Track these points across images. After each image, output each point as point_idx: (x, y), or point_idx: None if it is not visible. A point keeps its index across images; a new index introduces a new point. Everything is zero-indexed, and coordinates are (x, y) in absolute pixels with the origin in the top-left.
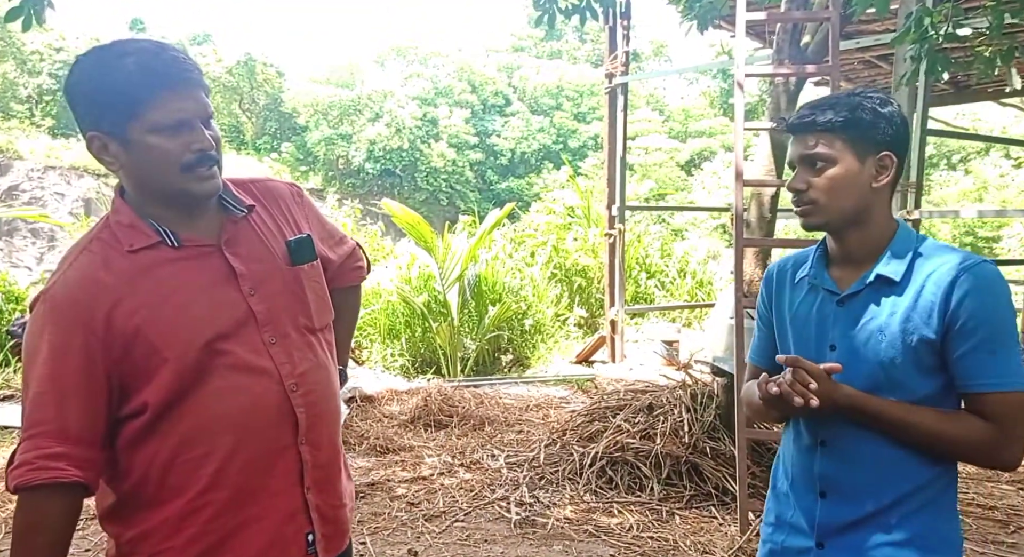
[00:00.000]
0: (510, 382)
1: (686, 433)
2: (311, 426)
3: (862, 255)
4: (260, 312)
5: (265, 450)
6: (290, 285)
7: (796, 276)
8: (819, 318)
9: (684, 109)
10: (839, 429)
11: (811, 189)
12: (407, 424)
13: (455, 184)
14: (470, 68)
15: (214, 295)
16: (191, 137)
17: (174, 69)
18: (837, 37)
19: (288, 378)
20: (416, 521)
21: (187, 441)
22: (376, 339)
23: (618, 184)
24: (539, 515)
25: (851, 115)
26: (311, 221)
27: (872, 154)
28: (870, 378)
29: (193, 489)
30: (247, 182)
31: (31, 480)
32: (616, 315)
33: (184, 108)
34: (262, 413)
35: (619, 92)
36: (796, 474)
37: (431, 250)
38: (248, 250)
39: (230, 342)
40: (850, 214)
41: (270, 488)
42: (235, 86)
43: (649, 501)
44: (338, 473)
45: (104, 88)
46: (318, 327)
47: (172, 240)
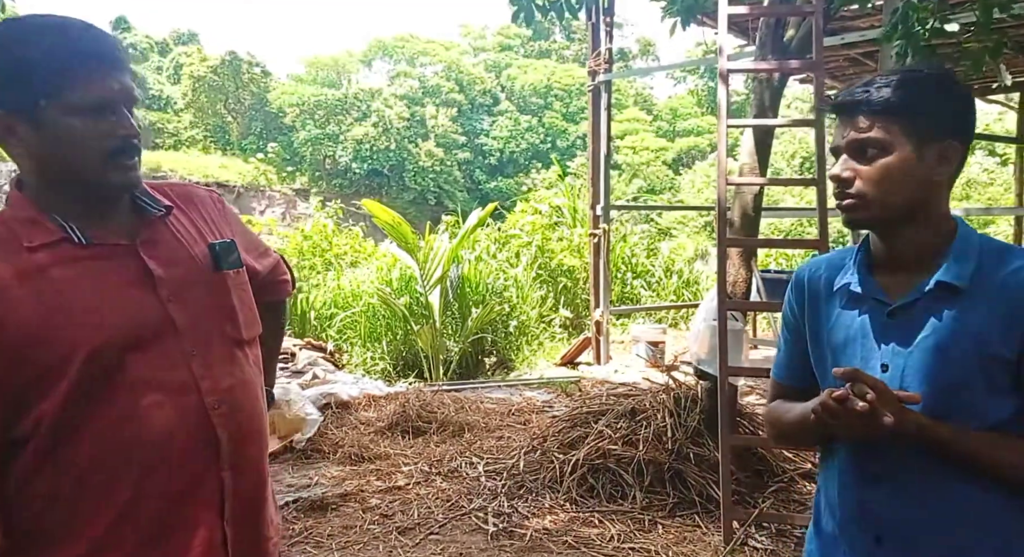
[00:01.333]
0: (492, 386)
1: (669, 439)
2: (235, 449)
3: (915, 259)
4: (180, 320)
5: (182, 477)
6: (215, 292)
7: (834, 283)
8: (864, 333)
9: (672, 108)
10: (897, 461)
11: (859, 179)
12: (384, 431)
13: (443, 184)
14: (458, 67)
15: (125, 300)
16: (115, 122)
17: (102, 46)
18: (821, 32)
19: (209, 394)
20: (389, 534)
21: (90, 470)
22: (356, 342)
23: (602, 183)
24: (517, 526)
25: (914, 95)
26: (235, 229)
27: (934, 142)
28: (932, 403)
29: (99, 526)
30: (164, 186)
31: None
32: (601, 316)
33: (108, 89)
34: (178, 435)
35: (603, 90)
36: (845, 514)
37: (412, 251)
38: (167, 253)
39: (142, 353)
40: (902, 211)
41: (187, 519)
42: (220, 86)
43: (631, 510)
44: (263, 503)
45: (17, 62)
46: (246, 339)
47: (79, 237)
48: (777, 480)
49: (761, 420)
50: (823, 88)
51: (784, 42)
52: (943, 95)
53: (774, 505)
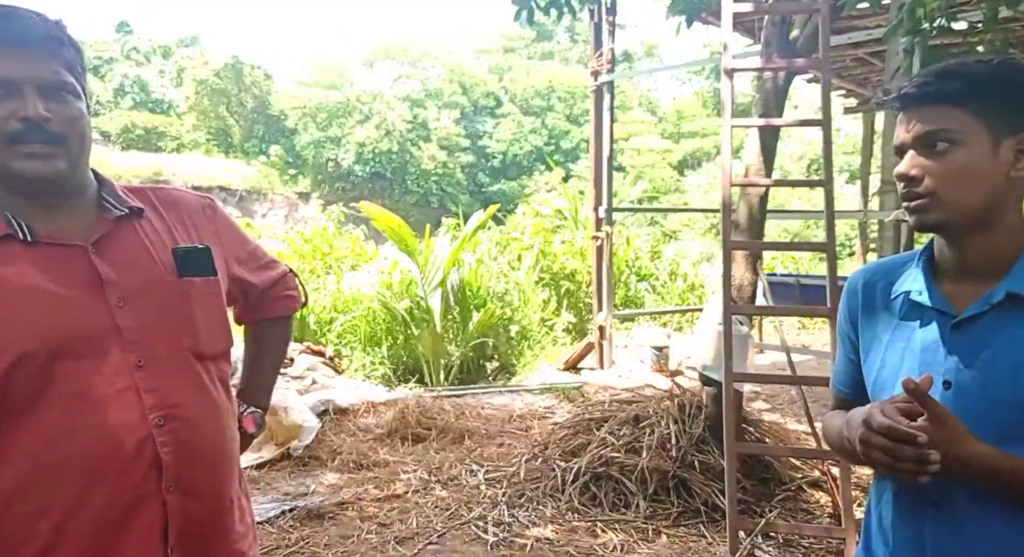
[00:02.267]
0: (494, 391)
1: (673, 446)
2: (182, 470)
3: (986, 267)
4: (127, 327)
5: (120, 500)
6: (175, 300)
7: (892, 291)
8: (925, 347)
9: (677, 110)
10: (960, 489)
11: (929, 177)
12: (383, 438)
13: (446, 186)
14: (460, 69)
15: (67, 302)
16: (16, 104)
17: (10, 26)
18: (827, 30)
19: (153, 410)
20: (387, 544)
21: (16, 491)
22: (356, 347)
23: (605, 185)
24: (517, 536)
25: (987, 84)
26: (225, 239)
27: (1010, 135)
28: (1001, 424)
29: (27, 552)
30: (146, 189)
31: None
32: (604, 320)
33: (10, 69)
34: (116, 453)
35: (605, 90)
36: (899, 541)
37: (412, 254)
38: (123, 255)
39: (80, 362)
40: (976, 212)
41: (123, 549)
42: (223, 89)
43: (634, 519)
44: (223, 532)
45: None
46: (209, 353)
47: (25, 234)
48: (784, 489)
49: (767, 427)
50: (830, 87)
51: (790, 41)
52: (1016, 83)
53: (781, 514)
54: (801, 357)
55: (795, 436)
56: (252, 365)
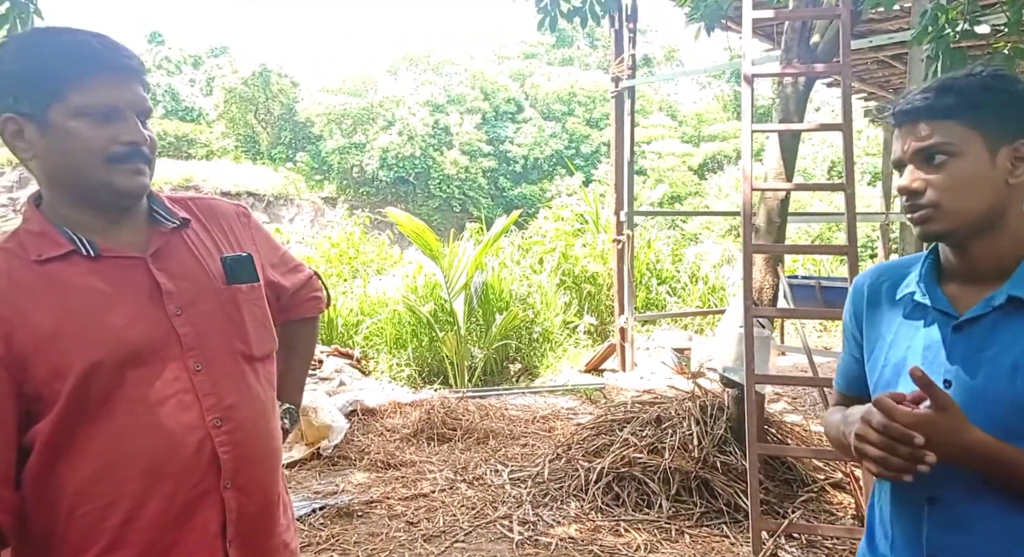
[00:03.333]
0: (517, 392)
1: (695, 447)
2: (238, 469)
3: (988, 270)
4: (186, 334)
5: (181, 498)
6: (225, 306)
7: (897, 292)
8: (927, 347)
9: (697, 113)
10: (955, 483)
11: (930, 189)
12: (409, 438)
13: (468, 191)
14: (482, 76)
15: (132, 313)
16: (121, 128)
17: (111, 54)
18: (848, 35)
19: (212, 412)
20: (415, 541)
21: (87, 488)
22: (383, 349)
23: (626, 189)
24: (542, 534)
25: (979, 96)
26: (259, 245)
27: (1006, 143)
28: (1000, 423)
29: (94, 548)
30: (187, 199)
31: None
32: (626, 322)
33: (116, 96)
34: (178, 453)
35: (626, 95)
36: (898, 535)
37: (436, 258)
38: (178, 266)
39: (145, 368)
40: (980, 219)
41: (186, 543)
42: (251, 97)
43: (657, 519)
44: (272, 525)
45: (29, 66)
46: (257, 355)
47: (88, 249)
48: (807, 490)
49: (789, 428)
50: (850, 92)
51: (810, 46)
52: (1007, 93)
53: (804, 515)
54: (822, 359)
55: (817, 437)
56: (284, 364)
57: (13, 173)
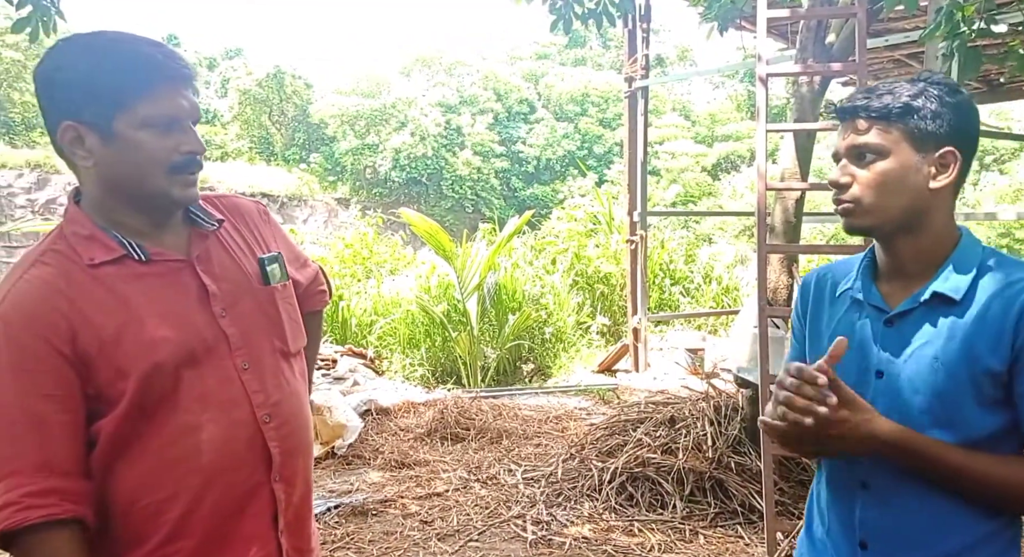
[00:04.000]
0: (530, 392)
1: (709, 447)
2: (285, 462)
3: (916, 268)
4: (232, 335)
5: (236, 490)
6: (263, 306)
7: (838, 288)
8: (862, 339)
9: (710, 113)
10: (884, 469)
11: (856, 184)
12: (423, 437)
13: (480, 192)
14: (495, 76)
15: (184, 315)
16: (183, 138)
17: (174, 62)
18: (864, 34)
19: (261, 408)
20: (429, 541)
21: (148, 482)
22: (396, 349)
23: (639, 189)
24: (556, 534)
25: (912, 101)
26: (278, 242)
27: (932, 149)
28: (925, 411)
29: (154, 539)
30: (212, 198)
31: (22, 521)
32: (639, 323)
33: (177, 106)
34: (232, 448)
35: (639, 96)
36: (833, 519)
37: (450, 258)
38: (219, 267)
39: (199, 368)
40: (900, 218)
41: (242, 533)
42: (265, 98)
43: (671, 519)
44: (309, 513)
45: (93, 75)
46: (293, 351)
47: (139, 254)
48: None
49: None
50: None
51: (826, 45)
52: (943, 102)
53: None
54: None
55: None
56: None
57: (32, 174)
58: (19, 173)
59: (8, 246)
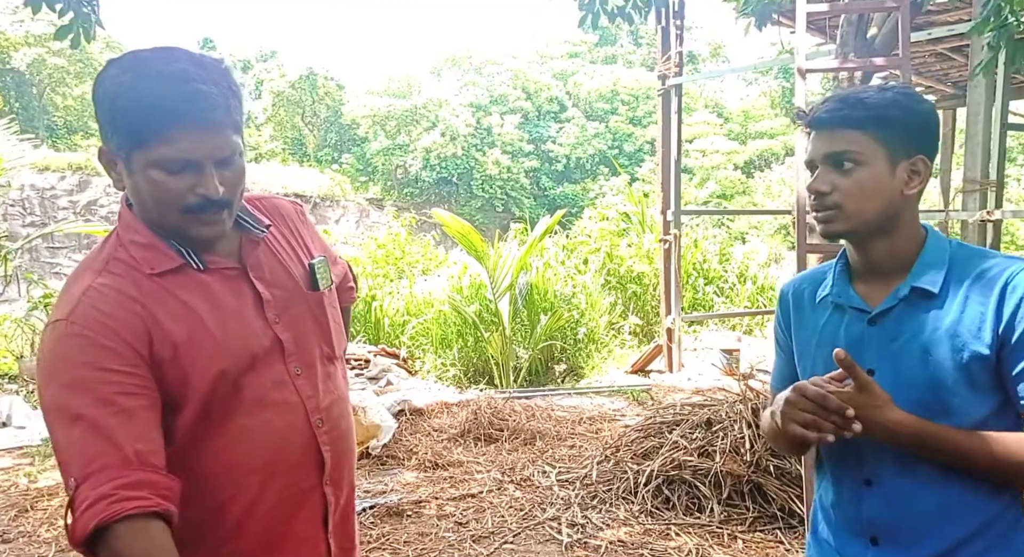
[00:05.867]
0: (563, 393)
1: (747, 450)
2: (335, 465)
3: (890, 267)
4: (286, 341)
5: (291, 493)
6: (313, 311)
7: (816, 295)
8: (849, 340)
9: (744, 111)
10: (887, 465)
11: (836, 192)
12: (456, 438)
13: (510, 191)
14: (524, 75)
15: (243, 322)
16: (197, 180)
17: (192, 107)
18: (907, 27)
19: (314, 413)
20: (464, 542)
21: (209, 483)
22: (429, 349)
23: (672, 188)
24: (591, 537)
25: (886, 112)
26: (315, 240)
27: (905, 157)
28: (919, 403)
29: (213, 538)
30: (254, 199)
31: (118, 512)
32: (672, 323)
33: (194, 149)
34: (288, 452)
35: (673, 94)
36: (839, 519)
37: (482, 259)
38: (270, 274)
39: (256, 374)
40: (876, 222)
41: (296, 534)
42: (298, 100)
43: (709, 523)
44: (352, 512)
45: (115, 109)
46: (338, 355)
47: (196, 262)
48: None
49: None
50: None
51: (867, 39)
52: (912, 113)
53: None
54: None
55: None
56: None
57: (74, 177)
58: (62, 176)
59: (51, 247)
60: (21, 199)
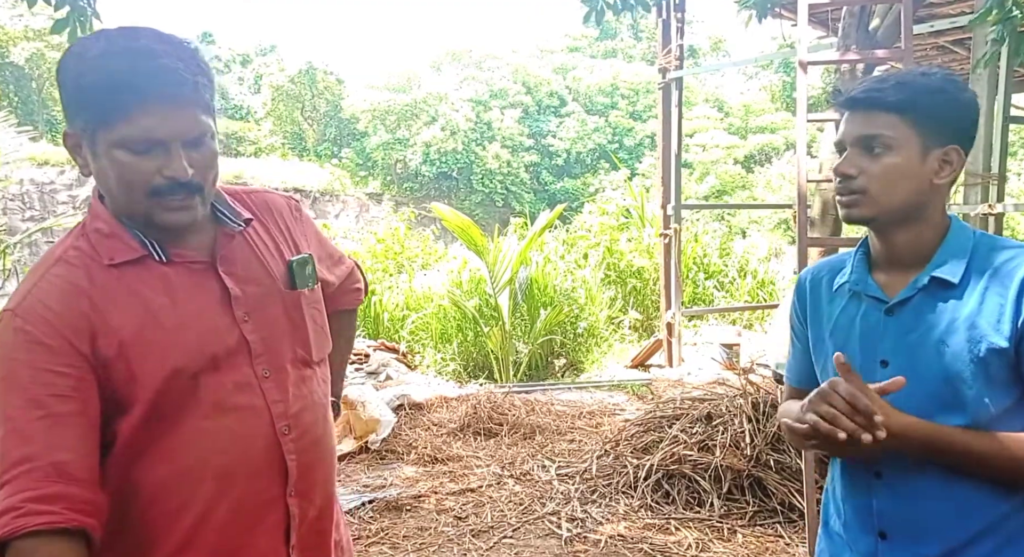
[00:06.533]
0: (563, 387)
1: (748, 445)
2: (302, 475)
3: (912, 257)
4: (254, 341)
5: (249, 503)
6: (289, 312)
7: (834, 283)
8: (864, 330)
9: (745, 105)
10: (901, 458)
11: (863, 176)
12: (456, 432)
13: (510, 185)
14: (524, 70)
15: (204, 319)
16: (163, 161)
17: (157, 82)
18: (910, 18)
19: (280, 419)
20: (463, 537)
21: (161, 490)
22: (428, 344)
23: (673, 182)
24: (591, 532)
25: (925, 98)
26: (310, 240)
27: (938, 146)
28: (933, 396)
29: (164, 548)
30: (242, 193)
31: (19, 528)
32: (672, 318)
33: (159, 127)
34: (248, 459)
35: (673, 87)
36: (849, 511)
37: (481, 253)
38: (244, 270)
39: (217, 374)
40: (902, 210)
41: (253, 548)
42: (297, 94)
43: (708, 517)
44: (329, 530)
45: (79, 88)
46: (316, 360)
47: (160, 254)
48: None
49: None
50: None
51: (869, 31)
52: (952, 101)
53: None
54: None
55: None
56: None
57: (73, 171)
58: (61, 170)
59: (51, 241)
60: (20, 193)
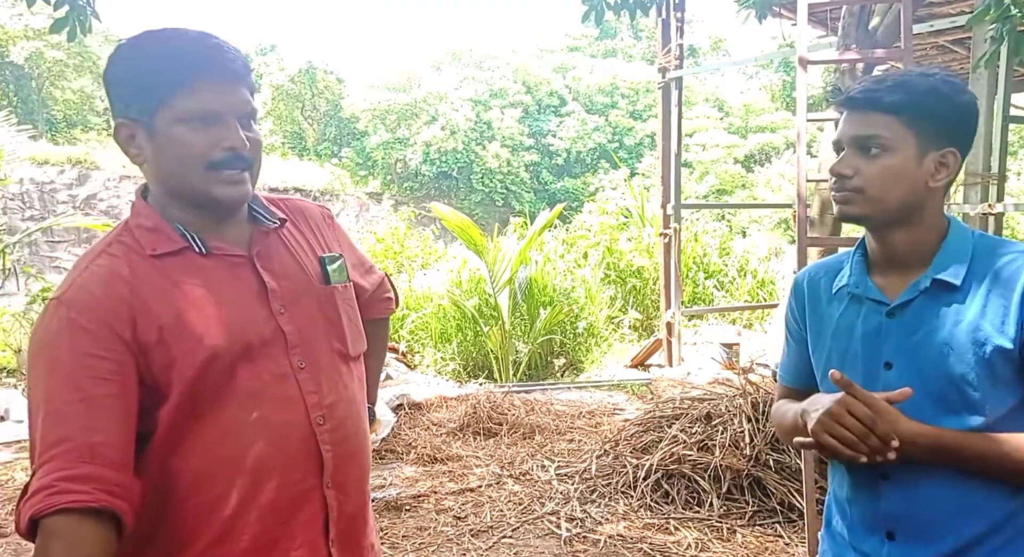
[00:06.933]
0: (562, 387)
1: (747, 445)
2: (338, 467)
3: (910, 258)
4: (290, 332)
5: (287, 494)
6: (324, 306)
7: (833, 286)
8: (866, 333)
9: (745, 104)
10: (904, 459)
11: (858, 176)
12: (455, 432)
13: (510, 185)
14: (525, 69)
15: (242, 310)
16: (222, 133)
17: (213, 57)
18: (910, 18)
19: (315, 409)
20: (463, 536)
21: (199, 480)
22: (428, 343)
23: (673, 182)
24: (590, 532)
25: (924, 100)
26: (343, 245)
27: (935, 148)
28: (938, 398)
29: (203, 539)
30: (277, 200)
31: (50, 506)
32: (672, 317)
33: (217, 100)
34: (284, 449)
35: (673, 87)
36: (854, 513)
37: (481, 253)
38: (279, 265)
39: (253, 364)
40: (897, 211)
41: (292, 539)
42: (297, 94)
43: (708, 517)
44: (365, 525)
45: (136, 72)
46: (352, 355)
47: (200, 246)
48: None
49: None
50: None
51: (869, 31)
52: (951, 103)
53: None
54: None
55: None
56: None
57: (73, 170)
58: (61, 169)
59: (50, 240)
60: (20, 193)
